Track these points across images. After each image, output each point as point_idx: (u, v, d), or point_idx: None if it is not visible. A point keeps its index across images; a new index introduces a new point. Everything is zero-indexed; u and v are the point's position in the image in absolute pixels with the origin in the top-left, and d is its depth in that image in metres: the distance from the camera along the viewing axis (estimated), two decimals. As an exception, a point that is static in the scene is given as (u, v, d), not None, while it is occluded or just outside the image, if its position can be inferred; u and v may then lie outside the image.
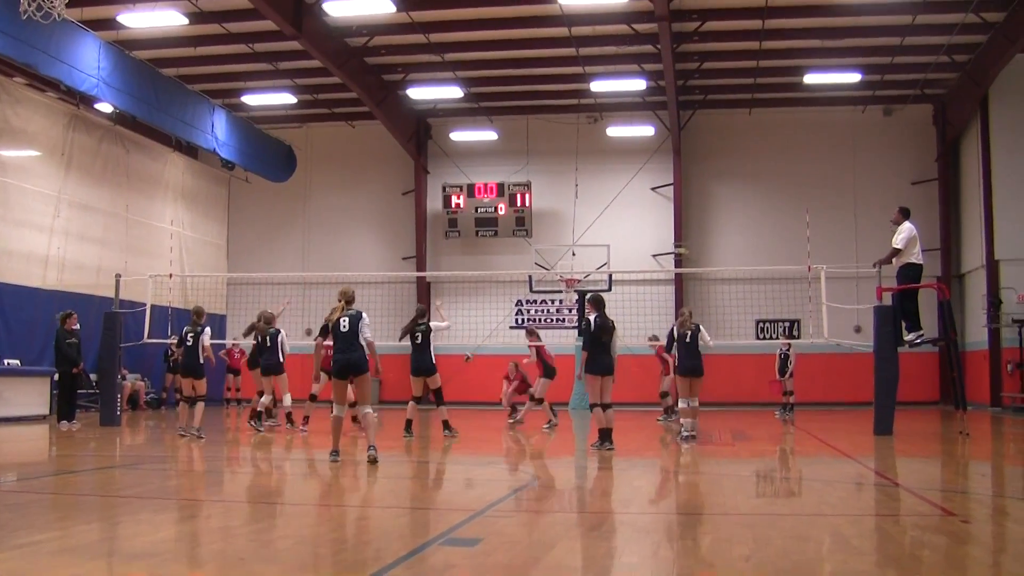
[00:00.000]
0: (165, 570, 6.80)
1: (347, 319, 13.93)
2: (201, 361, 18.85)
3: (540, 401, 22.72)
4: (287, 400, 21.41)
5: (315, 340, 15.18)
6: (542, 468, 14.09)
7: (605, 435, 16.19)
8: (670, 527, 9.21)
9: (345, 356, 13.86)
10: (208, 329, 19.25)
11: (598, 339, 16.37)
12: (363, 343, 13.93)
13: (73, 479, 13.02)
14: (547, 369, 22.80)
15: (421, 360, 19.35)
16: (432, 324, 19.83)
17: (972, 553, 7.79)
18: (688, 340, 18.67)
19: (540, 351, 22.98)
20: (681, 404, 19.10)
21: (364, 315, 14.10)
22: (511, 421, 23.67)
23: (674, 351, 19.29)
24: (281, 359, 21.33)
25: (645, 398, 27.31)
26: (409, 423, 19.16)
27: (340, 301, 14.14)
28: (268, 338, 21.32)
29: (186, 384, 19.26)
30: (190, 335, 18.95)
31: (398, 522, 9.43)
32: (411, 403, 19.63)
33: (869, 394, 20.50)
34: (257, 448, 18.07)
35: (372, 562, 7.08)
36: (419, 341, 19.40)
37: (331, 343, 14.38)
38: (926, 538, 8.33)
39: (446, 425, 19.24)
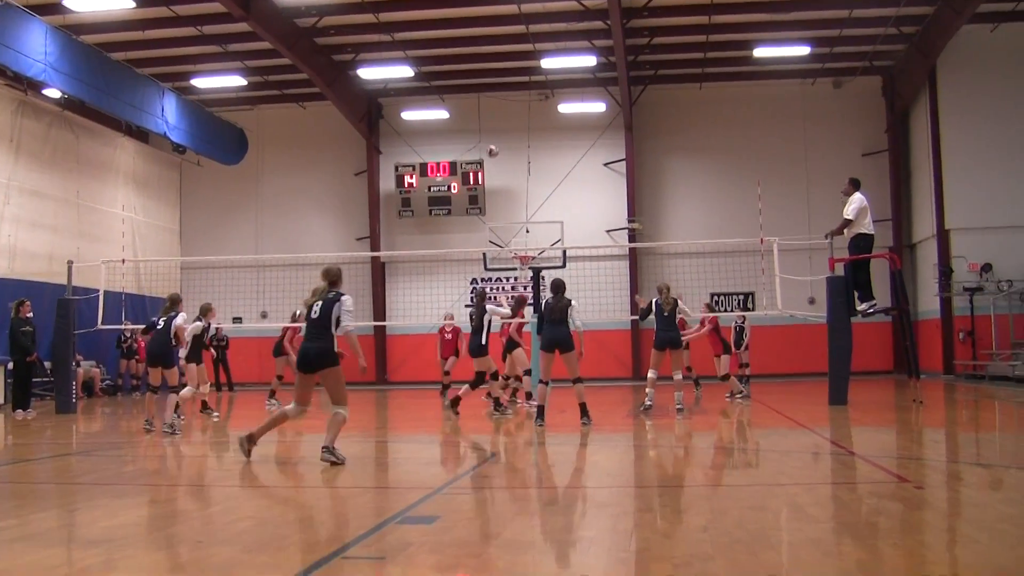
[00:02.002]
0: (122, 554, 6.79)
1: (319, 304, 11.99)
2: (173, 344, 17.05)
3: (726, 377, 23.17)
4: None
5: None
6: (500, 445, 14.11)
7: (583, 409, 16.80)
8: (627, 500, 9.25)
9: (308, 345, 12.00)
10: (183, 314, 17.27)
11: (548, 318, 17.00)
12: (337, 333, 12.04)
13: (29, 467, 12.95)
14: (724, 345, 23.57)
15: (472, 342, 19.60)
16: (489, 307, 19.77)
17: (926, 518, 7.88)
18: (666, 314, 19.01)
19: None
20: (651, 375, 19.51)
21: (345, 299, 12.11)
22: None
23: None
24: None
25: (603, 373, 27.23)
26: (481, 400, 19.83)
27: (324, 281, 12.24)
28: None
29: (154, 373, 17.23)
30: (162, 319, 17.03)
31: (356, 502, 9.44)
32: (466, 386, 19.82)
33: (823, 365, 20.65)
34: (216, 432, 18.01)
35: (331, 541, 7.10)
36: (474, 324, 19.62)
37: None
38: (881, 505, 8.41)
39: (453, 403, 19.36)
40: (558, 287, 17.27)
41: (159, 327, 16.96)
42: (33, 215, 28.84)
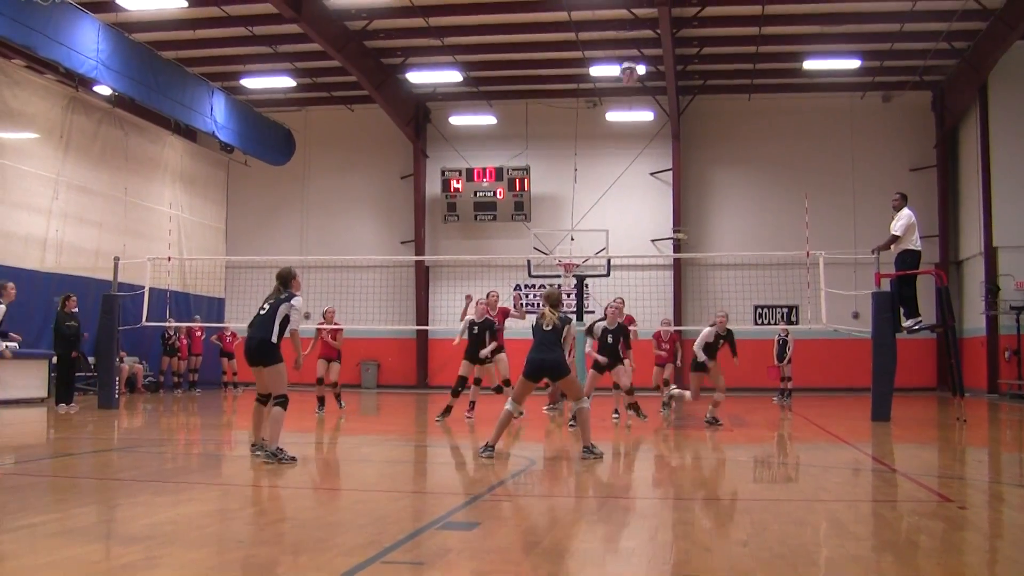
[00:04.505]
0: (163, 552, 6.81)
1: (555, 321, 12.85)
2: (273, 340, 12.16)
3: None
4: None
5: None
6: (540, 453, 14.08)
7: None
8: (667, 511, 9.22)
9: (542, 356, 12.75)
10: (299, 299, 12.61)
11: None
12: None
13: (71, 462, 13.03)
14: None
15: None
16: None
17: (969, 539, 7.81)
18: (610, 341, 18.31)
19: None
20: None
21: (575, 322, 13.30)
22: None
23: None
24: None
25: (645, 383, 27.08)
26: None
27: (546, 306, 12.98)
28: None
29: (256, 377, 12.68)
30: (266, 303, 12.52)
31: (396, 506, 9.44)
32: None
33: (867, 380, 20.53)
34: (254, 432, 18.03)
35: (371, 545, 7.09)
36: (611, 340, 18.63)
37: None
38: (923, 524, 8.34)
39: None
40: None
41: (261, 313, 12.48)
42: (81, 211, 29.03)
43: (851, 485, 11.26)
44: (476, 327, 19.46)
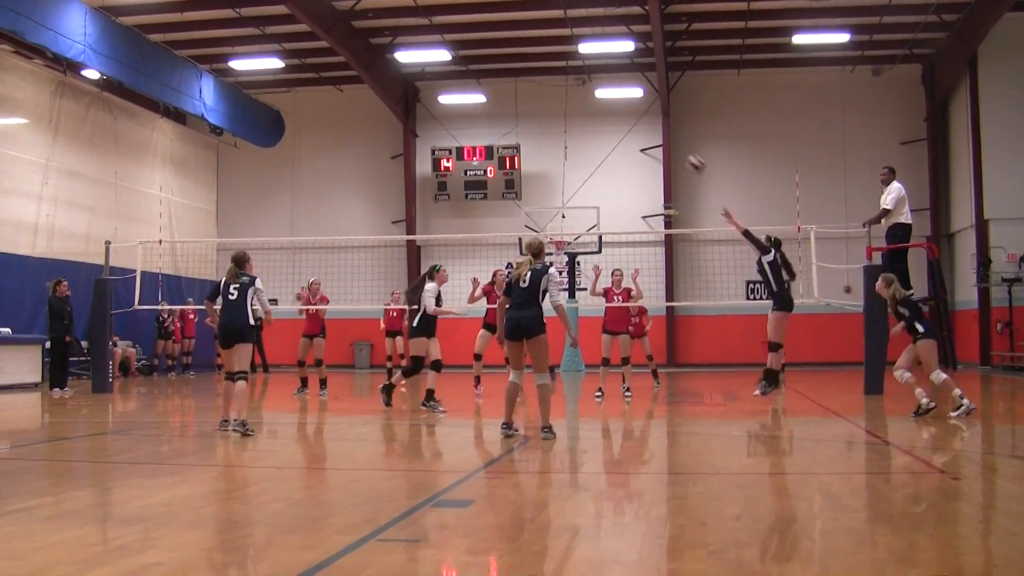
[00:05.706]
0: (158, 533, 6.81)
1: (529, 273, 12.28)
2: (252, 322, 13.80)
3: None
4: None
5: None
6: (533, 430, 14.09)
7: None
8: (661, 487, 9.24)
9: (518, 314, 12.24)
10: (259, 281, 14.01)
11: None
12: (547, 303, 12.31)
13: (65, 446, 13.04)
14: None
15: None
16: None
17: (962, 509, 7.84)
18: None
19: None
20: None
21: (552, 271, 12.47)
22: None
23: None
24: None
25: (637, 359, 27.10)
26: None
27: (528, 254, 12.51)
28: None
29: (229, 356, 13.78)
30: (233, 288, 13.76)
31: (391, 484, 9.46)
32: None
33: (859, 354, 20.53)
34: (250, 414, 18.04)
35: (365, 524, 7.09)
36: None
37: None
38: (916, 495, 8.38)
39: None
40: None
41: (231, 296, 13.69)
42: (71, 195, 29.00)
43: (845, 458, 11.30)
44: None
